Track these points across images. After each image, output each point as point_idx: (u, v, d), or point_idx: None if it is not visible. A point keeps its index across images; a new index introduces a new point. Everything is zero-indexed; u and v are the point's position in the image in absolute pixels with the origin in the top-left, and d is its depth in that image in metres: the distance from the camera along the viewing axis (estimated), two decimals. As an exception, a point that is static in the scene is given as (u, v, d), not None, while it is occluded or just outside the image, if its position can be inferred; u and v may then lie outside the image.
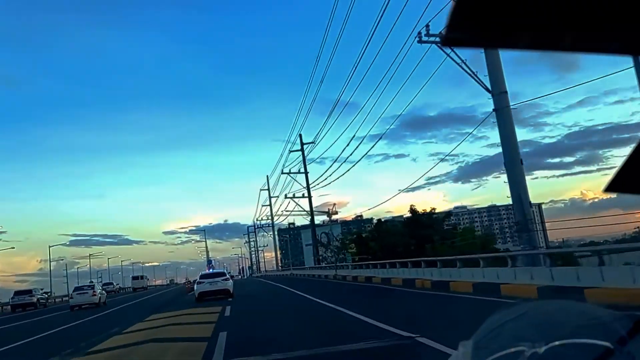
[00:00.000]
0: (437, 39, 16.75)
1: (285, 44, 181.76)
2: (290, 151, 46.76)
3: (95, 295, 31.15)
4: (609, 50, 0.58)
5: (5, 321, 24.36)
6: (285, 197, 49.63)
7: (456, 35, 0.61)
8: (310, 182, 44.64)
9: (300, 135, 45.65)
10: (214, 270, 30.94)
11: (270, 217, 66.67)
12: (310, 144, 43.28)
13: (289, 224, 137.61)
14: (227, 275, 25.34)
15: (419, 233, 32.77)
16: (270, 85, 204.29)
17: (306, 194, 45.22)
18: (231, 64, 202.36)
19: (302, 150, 44.92)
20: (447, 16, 0.57)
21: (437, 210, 37.79)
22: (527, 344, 0.71)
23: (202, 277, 24.76)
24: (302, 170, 45.28)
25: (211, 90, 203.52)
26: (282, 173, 49.08)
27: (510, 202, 17.02)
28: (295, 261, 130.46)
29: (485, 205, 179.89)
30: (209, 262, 65.40)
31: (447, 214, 40.89)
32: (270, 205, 65.60)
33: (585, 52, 0.61)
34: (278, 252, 79.56)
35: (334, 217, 53.51)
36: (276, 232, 77.24)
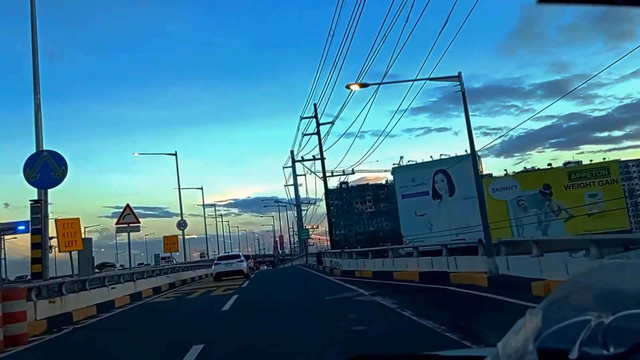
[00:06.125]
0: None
1: (321, 17, 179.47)
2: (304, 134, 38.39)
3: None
4: None
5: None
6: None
7: None
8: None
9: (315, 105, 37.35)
10: (231, 253, 33.34)
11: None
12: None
13: (341, 183, 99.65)
14: (242, 258, 27.06)
15: None
16: (308, 58, 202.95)
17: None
18: (266, 38, 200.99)
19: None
20: None
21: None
22: (594, 313, 0.70)
23: (220, 258, 27.19)
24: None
25: (248, 64, 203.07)
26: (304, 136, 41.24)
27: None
28: (349, 232, 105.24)
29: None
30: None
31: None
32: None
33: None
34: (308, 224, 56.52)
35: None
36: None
